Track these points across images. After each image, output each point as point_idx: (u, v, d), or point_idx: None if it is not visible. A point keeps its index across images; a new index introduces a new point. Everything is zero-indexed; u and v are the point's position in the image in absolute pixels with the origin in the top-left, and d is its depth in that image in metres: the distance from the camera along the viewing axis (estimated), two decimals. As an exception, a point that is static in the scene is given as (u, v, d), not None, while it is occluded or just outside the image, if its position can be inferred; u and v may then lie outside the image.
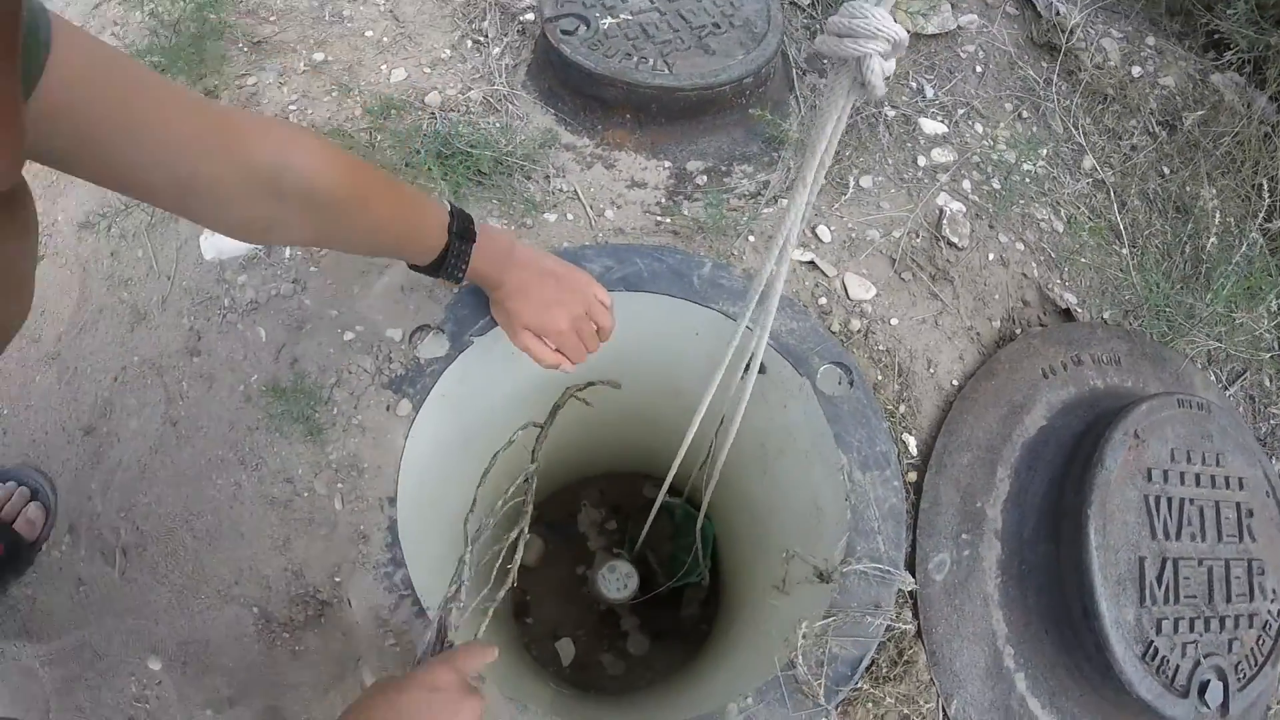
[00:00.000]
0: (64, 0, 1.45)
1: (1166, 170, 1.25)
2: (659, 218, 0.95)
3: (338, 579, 0.81)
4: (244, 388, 0.87)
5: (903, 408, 0.92)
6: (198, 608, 0.86)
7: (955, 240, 0.98)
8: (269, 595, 0.84)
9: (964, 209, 1.02)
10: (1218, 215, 1.21)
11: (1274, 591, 0.91)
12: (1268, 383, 1.22)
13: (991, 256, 1.01)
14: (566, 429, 1.33)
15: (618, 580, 1.34)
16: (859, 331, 0.92)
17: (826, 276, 0.93)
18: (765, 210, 0.96)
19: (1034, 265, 1.03)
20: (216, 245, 0.92)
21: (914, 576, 0.83)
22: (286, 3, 1.14)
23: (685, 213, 0.95)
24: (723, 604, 1.54)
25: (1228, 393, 1.16)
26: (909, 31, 1.16)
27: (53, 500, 0.89)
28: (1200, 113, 1.30)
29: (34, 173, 1.14)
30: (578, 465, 1.53)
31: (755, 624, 1.16)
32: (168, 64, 1.08)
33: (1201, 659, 0.83)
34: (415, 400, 0.84)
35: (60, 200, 1.11)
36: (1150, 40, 1.36)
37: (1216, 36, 1.35)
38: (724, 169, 0.99)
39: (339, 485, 0.82)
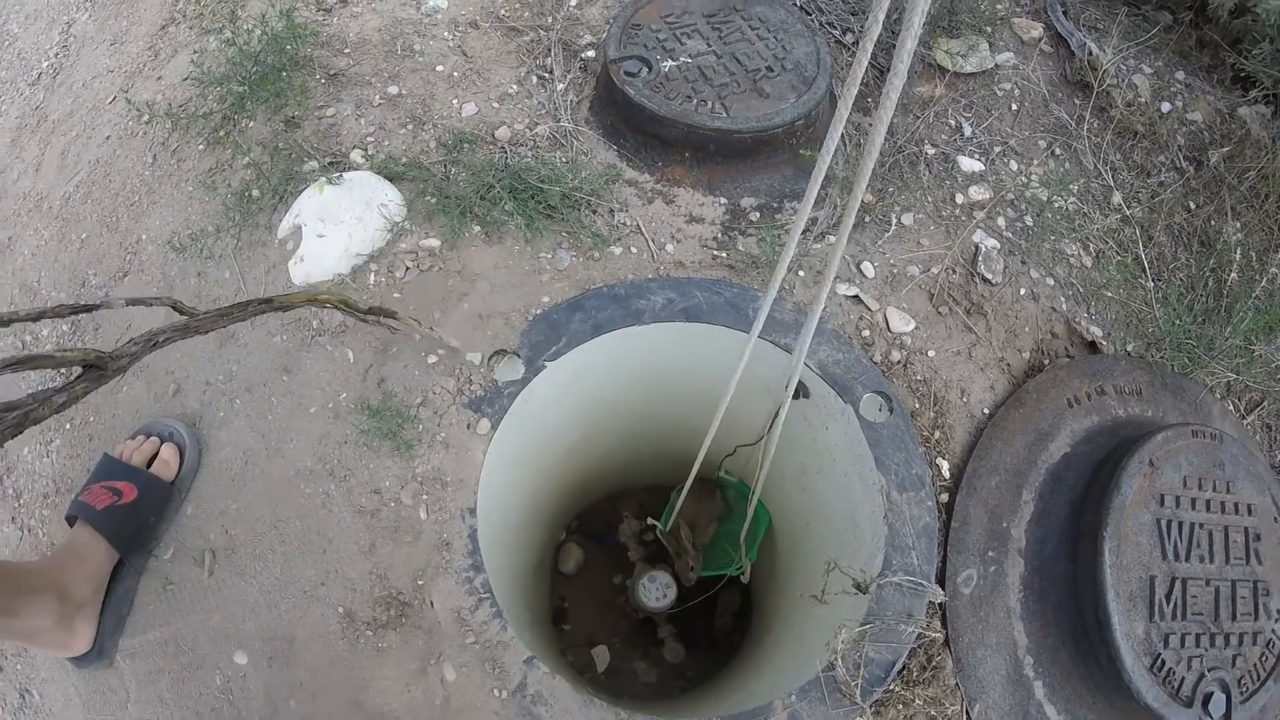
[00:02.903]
0: (128, 21, 1.61)
1: (1192, 205, 1.39)
2: (715, 252, 1.09)
3: (420, 582, 0.96)
4: (333, 405, 1.02)
5: (937, 434, 1.07)
6: (284, 607, 1.00)
7: (989, 276, 1.13)
8: (354, 596, 0.98)
9: (998, 245, 1.16)
10: (1239, 251, 1.35)
11: (1278, 612, 1.05)
12: (1286, 411, 1.36)
13: (1023, 291, 1.15)
14: (617, 442, 1.48)
15: (658, 589, 1.49)
16: (899, 362, 1.07)
17: (870, 310, 1.08)
18: (814, 246, 1.10)
19: (1062, 299, 1.18)
20: (306, 270, 1.07)
21: (943, 589, 0.98)
22: (359, 35, 1.28)
23: (740, 247, 1.10)
24: (755, 614, 1.69)
25: (1245, 421, 1.31)
26: (949, 71, 1.30)
27: (185, 438, 1.03)
28: (1226, 149, 1.44)
29: (117, 190, 1.29)
30: (621, 477, 1.68)
31: (790, 631, 1.31)
32: (249, 93, 1.23)
33: (1206, 672, 0.98)
34: (494, 419, 0.99)
35: (144, 220, 1.26)
36: (1180, 75, 1.51)
37: (1244, 74, 1.49)
38: (775, 206, 1.14)
39: (424, 497, 0.96)
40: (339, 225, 1.06)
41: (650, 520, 1.40)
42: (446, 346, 1.00)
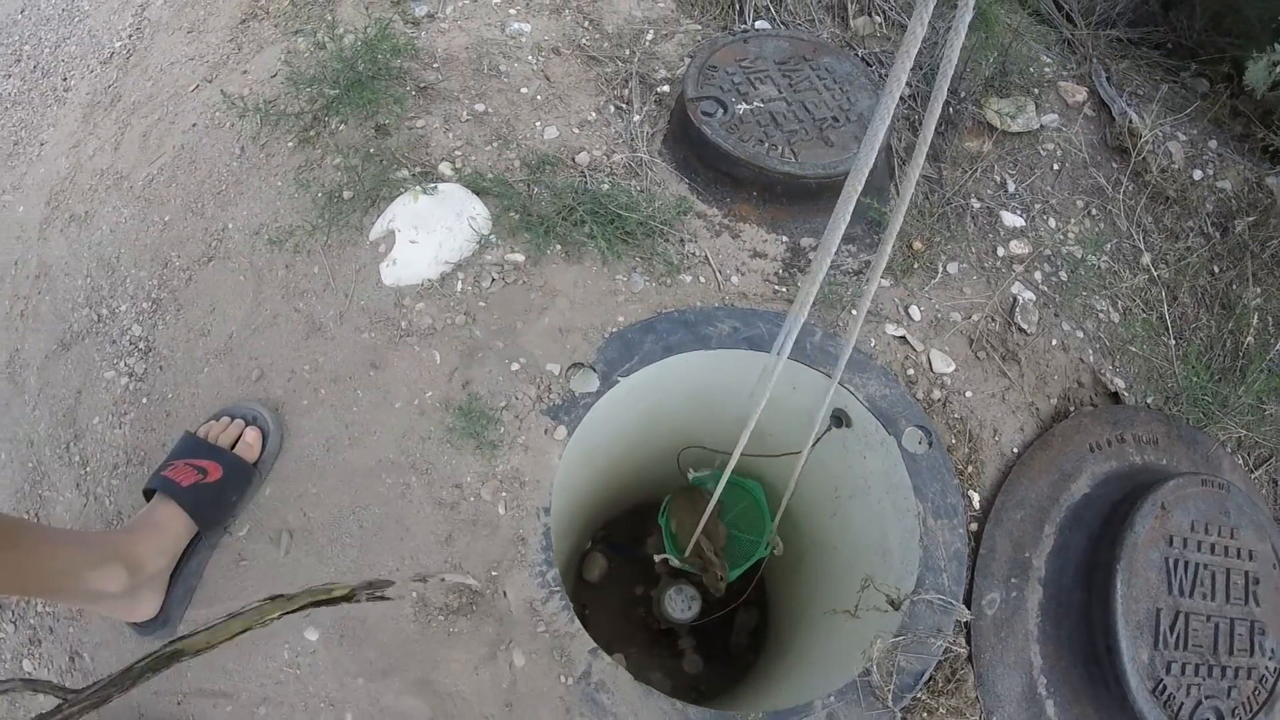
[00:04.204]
0: (205, 11, 1.76)
1: (1216, 269, 1.58)
2: (776, 286, 1.26)
3: (495, 573, 1.11)
4: (418, 402, 1.18)
5: (970, 468, 1.24)
6: (360, 587, 1.16)
7: (1025, 326, 1.30)
8: (428, 583, 1.13)
9: (1034, 298, 1.34)
10: (1256, 315, 1.54)
11: (1273, 651, 1.23)
12: (1291, 469, 1.55)
13: (1054, 342, 1.33)
14: (652, 456, 1.64)
15: (684, 601, 1.65)
16: (939, 400, 1.24)
17: (915, 351, 1.25)
18: (865, 287, 1.27)
19: (1090, 352, 1.36)
20: (397, 274, 1.23)
21: (969, 610, 1.15)
22: (447, 51, 1.45)
23: (798, 284, 1.26)
24: (772, 630, 1.85)
25: (1253, 475, 1.49)
26: (997, 129, 1.48)
27: (269, 423, 1.17)
28: (1251, 217, 1.63)
29: (203, 178, 1.44)
30: (648, 491, 1.84)
31: (813, 646, 1.47)
32: (341, 97, 1.38)
33: (1203, 700, 1.15)
34: (570, 426, 1.14)
35: (230, 209, 1.41)
36: (1213, 144, 1.70)
37: (1272, 148, 1.68)
38: (832, 246, 1.31)
39: (503, 494, 1.12)
40: (431, 233, 1.22)
41: (661, 556, 1.49)
42: (464, 586, 1.10)
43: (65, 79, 1.88)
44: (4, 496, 1.39)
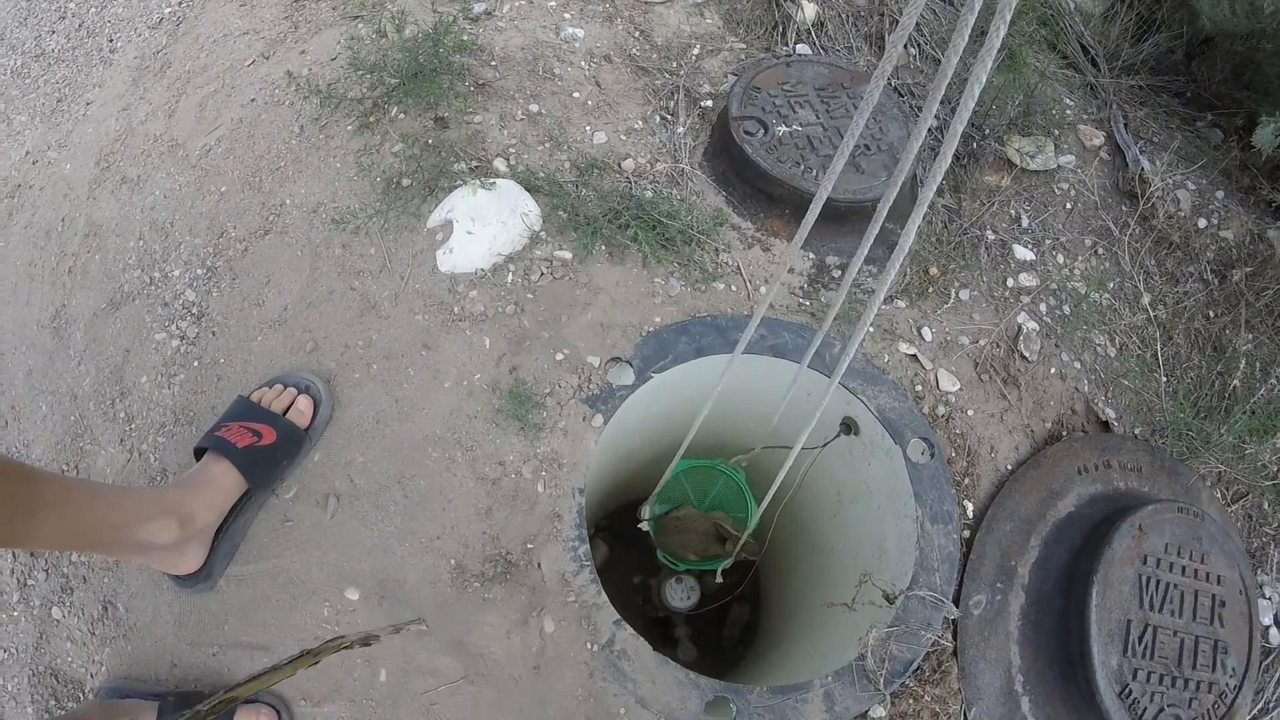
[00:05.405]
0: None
1: (1211, 314, 1.78)
2: (801, 300, 1.45)
3: (530, 546, 1.29)
4: (467, 383, 1.35)
5: (967, 480, 1.43)
6: (401, 554, 1.31)
7: (1027, 354, 1.50)
8: (466, 551, 1.30)
9: (1038, 328, 1.53)
10: (1244, 360, 1.74)
11: (1234, 670, 1.43)
12: (1266, 506, 1.75)
13: (1053, 370, 1.53)
14: (663, 451, 1.82)
15: (683, 591, 1.83)
16: (943, 416, 1.43)
17: (924, 369, 1.44)
18: (883, 306, 1.46)
19: (1085, 382, 1.55)
20: (453, 261, 1.40)
21: (957, 608, 1.34)
22: (504, 51, 1.62)
23: (821, 299, 1.45)
24: (763, 622, 2.04)
25: (1229, 509, 1.69)
26: (1016, 166, 1.68)
27: (321, 393, 1.32)
28: (1249, 268, 1.84)
29: (261, 153, 1.60)
30: (651, 485, 2.02)
31: (807, 635, 1.66)
32: (401, 86, 1.55)
33: (1165, 707, 1.35)
34: (606, 415, 1.32)
35: (288, 185, 1.57)
36: (1220, 194, 1.90)
37: (1275, 206, 1.89)
38: (856, 266, 1.49)
39: (543, 473, 1.30)
40: (486, 226, 1.39)
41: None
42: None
43: (111, 40, 2.03)
44: (44, 448, 1.53)
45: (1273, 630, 1.55)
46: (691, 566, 1.65)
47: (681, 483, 1.66)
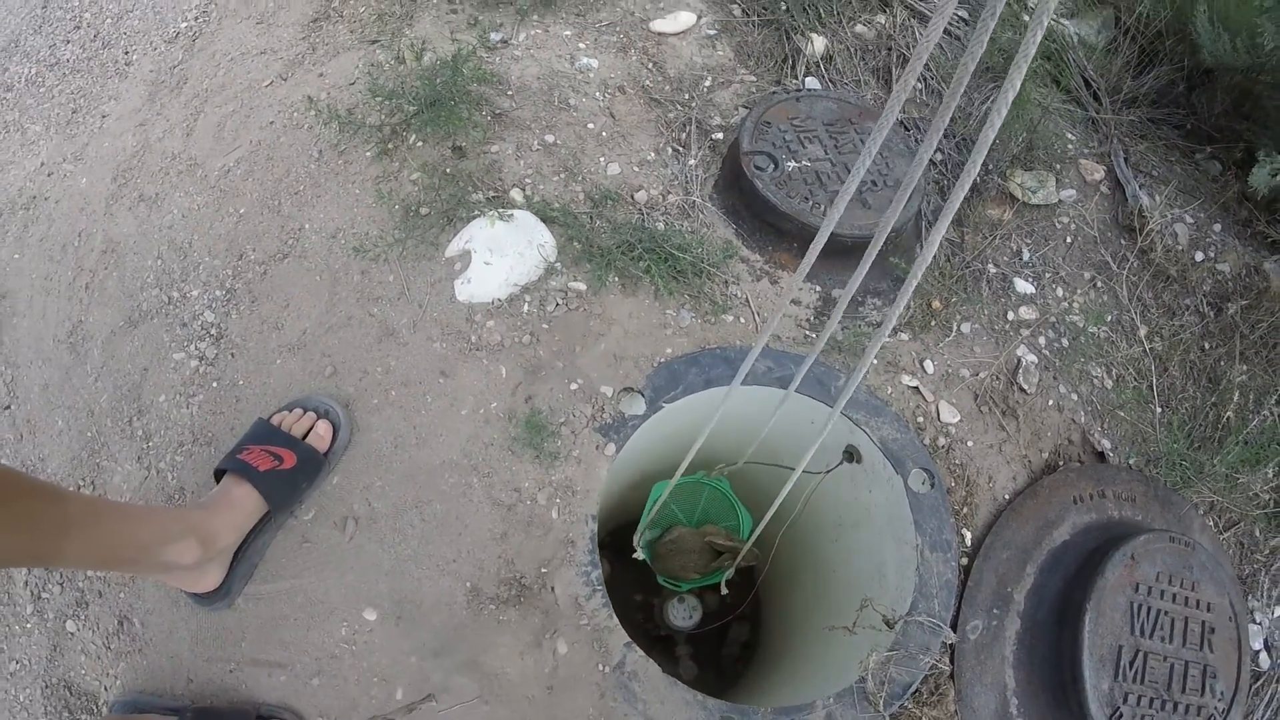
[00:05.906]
0: (274, 3, 1.99)
1: (1207, 346, 1.87)
2: (807, 332, 1.53)
3: (544, 570, 1.37)
4: (484, 411, 1.43)
5: (965, 509, 1.51)
6: (418, 576, 1.38)
7: (1025, 387, 1.58)
8: (481, 574, 1.38)
9: (1037, 361, 1.62)
10: (1238, 392, 1.84)
11: (1222, 694, 1.52)
12: (1257, 534, 1.84)
13: (1050, 402, 1.61)
14: (664, 475, 1.90)
15: (686, 610, 1.92)
16: (943, 446, 1.51)
17: (926, 401, 1.52)
18: (887, 339, 1.55)
19: (1082, 414, 1.64)
20: (471, 291, 1.48)
21: (955, 633, 1.42)
22: (521, 80, 1.69)
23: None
24: (761, 648, 2.13)
25: (1221, 537, 1.78)
26: (1018, 200, 1.77)
27: (340, 418, 1.39)
28: (1245, 301, 1.93)
29: (280, 176, 1.68)
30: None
31: (808, 656, 1.75)
32: (419, 115, 1.63)
33: (1152, 731, 1.44)
34: (618, 444, 1.40)
35: (307, 209, 1.65)
36: (1217, 227, 1.99)
37: (1270, 240, 1.98)
38: (860, 299, 1.58)
39: (557, 500, 1.38)
40: (504, 257, 1.47)
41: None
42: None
43: (127, 52, 2.10)
44: (60, 462, 1.61)
45: (1263, 655, 1.64)
46: (694, 585, 1.73)
47: (669, 504, 1.73)
